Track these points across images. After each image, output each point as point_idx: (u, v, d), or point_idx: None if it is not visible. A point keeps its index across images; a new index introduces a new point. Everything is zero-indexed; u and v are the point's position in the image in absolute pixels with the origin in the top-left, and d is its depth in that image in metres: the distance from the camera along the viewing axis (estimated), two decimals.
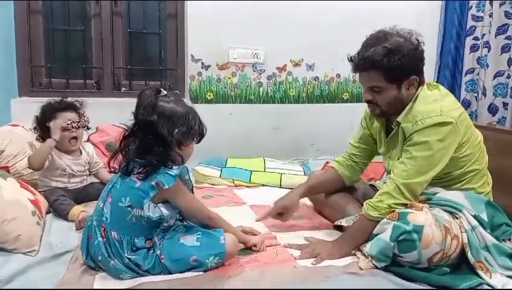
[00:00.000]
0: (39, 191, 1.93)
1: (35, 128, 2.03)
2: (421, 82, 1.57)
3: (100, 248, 1.39)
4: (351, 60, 1.57)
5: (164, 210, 1.41)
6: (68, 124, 1.97)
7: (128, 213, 1.38)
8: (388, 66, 1.48)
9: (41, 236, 1.66)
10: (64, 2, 2.90)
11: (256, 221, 1.86)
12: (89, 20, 2.98)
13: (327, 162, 2.71)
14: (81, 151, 2.12)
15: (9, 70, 2.80)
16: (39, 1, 2.86)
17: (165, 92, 1.45)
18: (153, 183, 1.36)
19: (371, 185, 1.93)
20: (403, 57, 1.47)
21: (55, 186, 1.99)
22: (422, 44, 1.54)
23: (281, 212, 1.78)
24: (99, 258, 1.39)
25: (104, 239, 1.39)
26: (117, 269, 1.37)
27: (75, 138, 2.04)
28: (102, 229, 1.41)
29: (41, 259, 1.50)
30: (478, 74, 3.23)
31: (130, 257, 1.37)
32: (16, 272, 1.39)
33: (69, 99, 2.06)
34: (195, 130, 1.45)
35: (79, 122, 2.03)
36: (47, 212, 1.85)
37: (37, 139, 2.05)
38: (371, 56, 1.49)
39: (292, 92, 3.28)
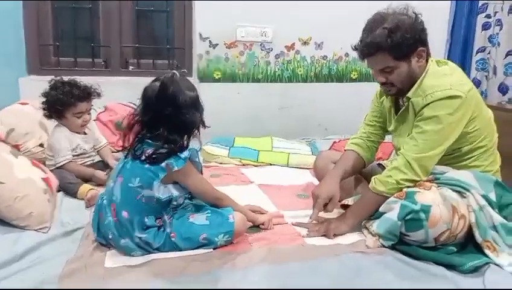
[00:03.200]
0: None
1: (45, 108, 1.99)
2: (428, 53, 1.56)
3: (111, 228, 1.41)
4: (355, 48, 1.57)
5: (174, 191, 1.43)
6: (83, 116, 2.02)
7: (138, 193, 1.40)
8: (392, 45, 1.47)
9: (53, 213, 1.69)
10: None
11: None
12: None
13: (335, 142, 2.71)
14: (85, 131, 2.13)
15: (18, 49, 2.79)
16: None
17: (175, 74, 1.42)
18: (163, 165, 1.37)
19: (378, 164, 1.93)
20: (405, 32, 1.47)
21: (64, 164, 2.00)
22: (420, 15, 1.53)
23: (326, 203, 1.66)
24: (110, 237, 1.42)
25: (115, 219, 1.41)
26: (128, 247, 1.40)
27: (86, 124, 2.07)
28: (113, 208, 1.42)
29: (53, 236, 1.53)
30: (489, 52, 3.18)
31: (140, 236, 1.39)
32: (29, 248, 1.42)
33: (77, 79, 2.05)
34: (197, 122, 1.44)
35: (90, 110, 2.06)
36: (58, 190, 1.88)
37: (45, 116, 2.02)
38: (373, 40, 1.49)
39: (300, 71, 3.24)
